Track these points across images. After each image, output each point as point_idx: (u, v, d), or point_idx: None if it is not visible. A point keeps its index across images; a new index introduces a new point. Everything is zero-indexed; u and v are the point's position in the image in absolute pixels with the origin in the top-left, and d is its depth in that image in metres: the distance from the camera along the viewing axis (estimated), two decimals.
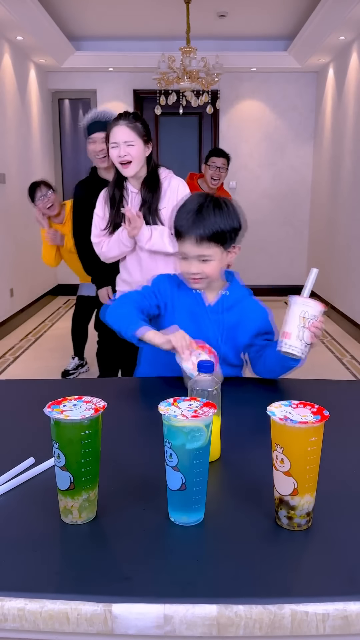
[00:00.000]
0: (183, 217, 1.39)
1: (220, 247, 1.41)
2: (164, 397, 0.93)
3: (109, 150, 2.20)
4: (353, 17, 4.58)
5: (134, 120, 2.17)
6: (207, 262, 1.41)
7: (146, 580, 0.75)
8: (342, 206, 5.59)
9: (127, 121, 2.16)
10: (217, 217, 1.38)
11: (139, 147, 2.17)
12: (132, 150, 2.15)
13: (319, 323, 1.25)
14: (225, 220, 1.39)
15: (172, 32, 5.67)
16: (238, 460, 1.09)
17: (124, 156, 2.15)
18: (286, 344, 1.24)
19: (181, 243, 1.41)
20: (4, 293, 5.19)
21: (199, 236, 1.37)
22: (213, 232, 1.37)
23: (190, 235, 1.38)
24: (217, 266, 1.43)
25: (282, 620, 0.71)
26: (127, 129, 2.15)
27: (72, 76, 6.58)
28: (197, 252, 1.39)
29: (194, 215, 1.38)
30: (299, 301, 1.25)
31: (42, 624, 0.72)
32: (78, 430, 0.84)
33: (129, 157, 2.15)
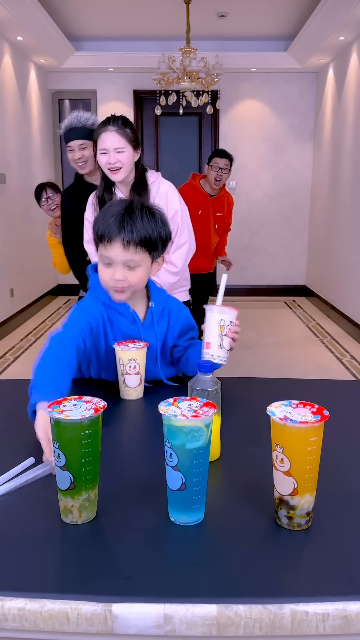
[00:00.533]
0: (110, 220, 1.30)
1: (149, 254, 1.34)
2: (164, 397, 0.93)
3: (97, 156, 2.13)
4: (353, 17, 4.58)
5: (123, 126, 2.10)
6: (134, 270, 1.33)
7: (146, 580, 0.75)
8: (342, 206, 5.59)
9: (117, 127, 2.08)
10: (147, 222, 1.32)
11: (129, 153, 2.11)
12: (122, 157, 2.09)
13: (236, 327, 1.27)
14: (154, 227, 1.33)
15: (172, 32, 5.67)
16: (238, 460, 1.09)
17: (114, 163, 2.09)
18: (208, 353, 1.26)
19: (105, 248, 1.32)
20: (4, 293, 5.19)
21: (128, 240, 1.30)
22: (143, 237, 1.31)
23: (118, 238, 1.29)
24: (143, 275, 1.36)
25: (282, 620, 0.71)
26: (117, 136, 2.08)
27: (72, 76, 6.58)
28: (125, 258, 1.31)
29: (123, 218, 1.30)
30: (215, 310, 1.26)
31: (42, 624, 0.72)
32: (78, 430, 0.84)
33: (119, 164, 2.10)
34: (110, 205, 1.37)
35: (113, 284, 1.34)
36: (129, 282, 1.34)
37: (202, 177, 3.95)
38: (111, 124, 2.10)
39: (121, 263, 1.32)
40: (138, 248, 1.31)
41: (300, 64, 6.22)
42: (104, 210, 1.37)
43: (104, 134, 2.09)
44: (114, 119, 2.12)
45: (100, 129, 2.13)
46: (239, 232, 6.65)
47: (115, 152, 2.08)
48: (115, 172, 2.11)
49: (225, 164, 3.79)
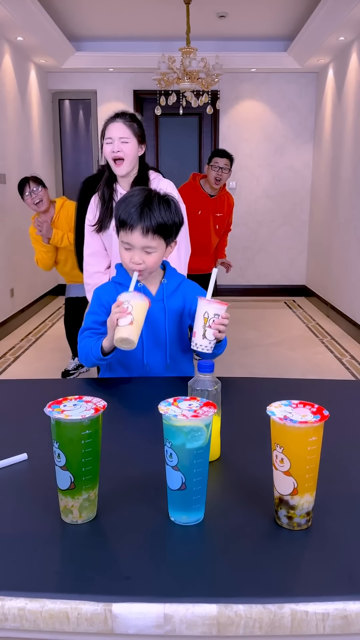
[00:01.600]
0: (131, 209, 1.45)
1: (164, 240, 1.49)
2: (164, 397, 0.93)
3: (103, 147, 2.22)
4: (353, 17, 4.58)
5: (130, 120, 2.19)
6: (150, 254, 1.48)
7: (146, 579, 0.75)
8: (342, 206, 5.59)
9: (124, 119, 2.18)
10: (163, 211, 1.46)
11: (133, 145, 2.18)
12: (126, 148, 2.16)
13: (222, 320, 1.35)
14: (170, 215, 1.47)
15: (172, 33, 5.67)
16: (238, 460, 1.09)
17: (117, 152, 2.16)
18: (193, 342, 1.36)
19: (126, 234, 1.46)
20: (4, 293, 5.19)
21: (147, 227, 1.44)
22: (159, 224, 1.45)
23: (138, 226, 1.44)
24: (158, 258, 1.51)
25: (282, 620, 0.71)
26: (123, 126, 2.17)
27: (72, 77, 6.58)
28: (143, 243, 1.46)
29: (142, 207, 1.44)
30: (201, 303, 1.35)
31: (42, 624, 0.72)
32: (78, 430, 0.84)
33: (121, 153, 2.16)
34: (131, 194, 1.50)
35: (132, 267, 1.48)
36: (146, 265, 1.48)
37: (202, 177, 3.94)
38: (119, 116, 2.21)
39: (140, 248, 1.46)
40: (155, 235, 1.46)
41: (300, 64, 6.22)
42: (125, 199, 1.49)
43: (111, 124, 2.19)
44: (123, 113, 2.23)
45: (108, 120, 2.21)
46: (238, 232, 6.65)
47: (120, 142, 2.15)
48: (119, 162, 2.17)
49: (225, 163, 3.79)
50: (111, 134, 2.17)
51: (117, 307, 1.35)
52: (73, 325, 3.92)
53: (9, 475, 1.02)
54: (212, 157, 3.84)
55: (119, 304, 1.35)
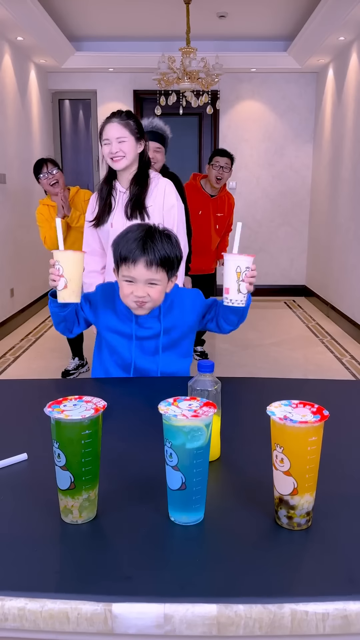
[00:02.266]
0: (132, 244, 1.46)
1: (166, 273, 1.50)
2: (164, 397, 0.93)
3: (102, 148, 2.24)
4: (353, 17, 4.58)
5: (126, 118, 2.21)
6: (154, 287, 1.48)
7: (146, 580, 0.75)
8: (342, 206, 5.59)
9: (119, 118, 2.20)
10: (165, 244, 1.48)
11: (131, 143, 2.20)
12: (124, 147, 2.19)
13: (252, 272, 1.40)
14: (172, 249, 1.49)
15: (172, 33, 5.67)
16: (238, 460, 1.09)
17: (116, 152, 2.19)
18: (227, 298, 1.39)
19: (129, 268, 1.47)
20: (4, 293, 5.19)
21: (150, 260, 1.45)
22: (163, 257, 1.46)
23: (141, 259, 1.45)
24: (162, 291, 1.50)
25: (282, 620, 0.71)
26: (119, 126, 2.18)
27: (72, 76, 6.58)
28: (147, 276, 1.46)
29: (145, 241, 1.45)
30: (230, 258, 1.36)
31: (42, 624, 0.72)
32: (78, 430, 0.84)
33: (120, 153, 2.19)
34: (129, 230, 1.51)
35: (134, 299, 1.48)
36: (151, 298, 1.48)
37: (202, 177, 3.94)
38: (115, 116, 2.23)
39: (143, 281, 1.47)
40: (159, 268, 1.47)
41: (300, 64, 6.22)
42: (124, 235, 1.50)
43: (107, 125, 2.21)
44: (118, 112, 2.25)
45: (104, 122, 2.24)
46: None
47: (117, 142, 2.18)
48: (118, 159, 2.20)
49: (226, 162, 3.79)
50: (108, 134, 2.19)
51: (51, 267, 1.37)
52: None
53: (9, 475, 1.02)
54: (213, 157, 3.84)
55: (52, 264, 1.36)
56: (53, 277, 1.36)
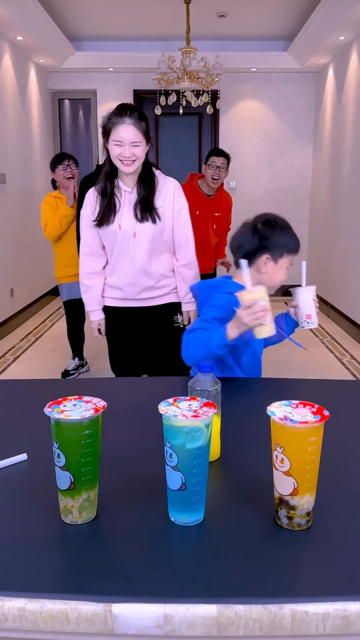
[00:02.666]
0: (293, 236, 1.66)
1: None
2: (164, 397, 0.93)
3: (110, 146, 2.10)
4: (353, 17, 4.58)
5: (140, 120, 2.10)
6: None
7: (146, 580, 0.75)
8: (342, 206, 5.59)
9: (134, 120, 2.07)
10: None
11: (143, 147, 2.12)
12: (137, 151, 2.10)
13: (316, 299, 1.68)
14: None
15: (172, 32, 5.67)
16: (238, 460, 1.09)
17: (129, 157, 2.09)
18: (310, 322, 1.66)
19: (289, 259, 1.67)
20: (4, 293, 5.19)
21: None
22: None
23: (297, 249, 1.67)
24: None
25: (282, 620, 0.71)
26: (134, 129, 2.07)
27: (72, 76, 6.58)
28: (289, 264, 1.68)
29: (293, 231, 1.67)
30: (308, 289, 1.66)
31: (42, 624, 0.72)
32: (78, 430, 0.84)
33: (133, 157, 2.10)
34: (277, 220, 1.69)
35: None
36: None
37: (199, 177, 3.94)
38: (128, 115, 2.08)
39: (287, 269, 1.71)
40: None
41: (300, 64, 6.22)
42: (282, 228, 1.68)
43: (121, 126, 2.07)
44: (130, 110, 2.09)
45: (116, 119, 2.08)
46: None
47: (131, 146, 2.08)
48: (129, 164, 2.11)
49: (222, 162, 3.79)
50: (121, 136, 2.06)
51: (250, 307, 1.37)
52: (75, 325, 3.92)
53: (9, 475, 1.02)
54: (209, 157, 3.84)
55: (253, 303, 1.36)
56: (261, 313, 1.36)
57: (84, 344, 4.02)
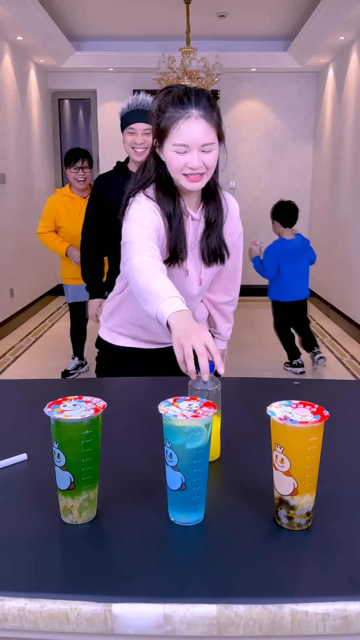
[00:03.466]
0: None
1: None
2: (164, 397, 0.93)
3: (168, 154, 1.41)
4: (353, 17, 4.58)
5: (212, 110, 1.44)
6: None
7: (146, 580, 0.75)
8: (342, 206, 5.59)
9: (205, 111, 1.40)
10: None
11: (216, 152, 1.48)
12: (209, 159, 1.43)
13: None
14: None
15: (172, 32, 5.67)
16: (238, 460, 1.09)
17: (198, 169, 1.41)
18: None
19: None
20: (4, 293, 5.19)
21: None
22: None
23: None
24: None
25: (282, 620, 0.71)
26: (206, 125, 1.41)
27: (72, 76, 6.58)
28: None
29: None
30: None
31: (42, 624, 0.72)
32: (78, 430, 0.84)
33: (202, 169, 1.42)
34: None
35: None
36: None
37: None
38: (195, 104, 1.37)
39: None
40: None
41: (300, 64, 6.22)
42: None
43: (186, 122, 1.36)
44: (196, 94, 1.38)
45: (175, 111, 1.37)
46: None
47: (200, 152, 1.39)
48: (197, 178, 1.42)
49: None
50: (189, 139, 1.37)
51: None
52: (79, 325, 3.92)
53: (9, 475, 1.02)
54: None
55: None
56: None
57: (85, 343, 4.03)
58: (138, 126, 2.31)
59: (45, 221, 3.66)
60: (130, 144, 2.35)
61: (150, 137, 2.17)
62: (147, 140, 2.30)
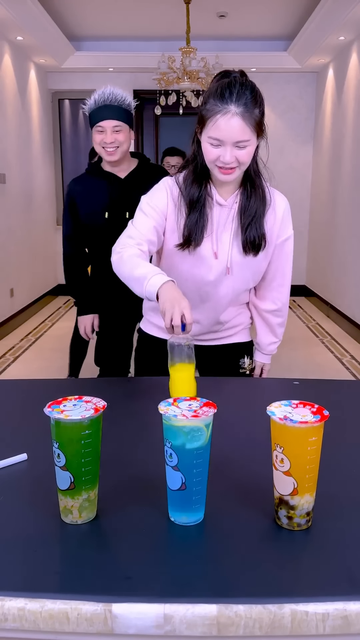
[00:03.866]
0: None
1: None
2: (164, 397, 0.93)
3: (205, 144, 1.43)
4: (353, 17, 4.58)
5: (253, 106, 1.41)
6: None
7: (146, 580, 0.75)
8: (342, 206, 5.59)
9: (244, 108, 1.38)
10: None
11: (252, 148, 1.44)
12: (243, 155, 1.43)
13: None
14: None
15: (172, 32, 5.67)
16: (238, 460, 1.09)
17: (229, 163, 1.42)
18: None
19: None
20: (4, 293, 5.19)
21: None
22: None
23: None
24: None
25: (282, 620, 0.71)
26: (242, 124, 1.39)
27: (72, 76, 6.58)
28: None
29: None
30: None
31: (42, 624, 0.72)
32: (78, 430, 0.84)
33: (234, 163, 1.43)
34: None
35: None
36: None
37: None
38: (235, 99, 1.36)
39: None
40: None
41: (300, 64, 6.22)
42: None
43: (223, 117, 1.36)
44: (240, 88, 1.37)
45: (215, 104, 1.37)
46: None
47: (234, 147, 1.39)
48: (228, 172, 1.43)
49: (177, 161, 3.73)
50: (223, 134, 1.39)
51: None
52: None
53: (9, 475, 1.02)
54: (164, 157, 3.75)
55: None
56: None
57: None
58: (107, 124, 2.12)
59: None
60: (100, 143, 2.16)
61: (122, 134, 2.14)
62: (117, 139, 2.13)
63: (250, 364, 1.80)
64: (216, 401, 0.91)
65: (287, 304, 1.75)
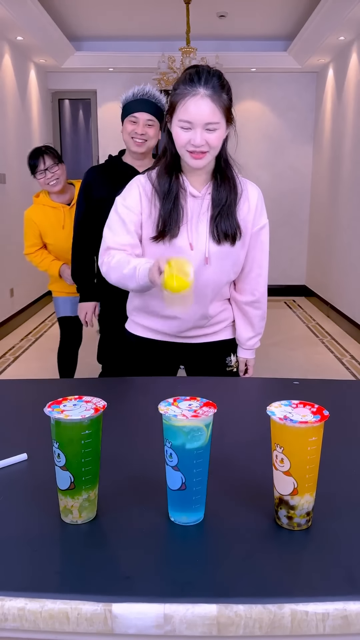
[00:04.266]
0: None
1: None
2: (164, 397, 0.93)
3: (175, 130, 1.46)
4: (353, 17, 4.58)
5: (220, 89, 1.49)
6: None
7: (146, 580, 0.75)
8: (342, 206, 5.59)
9: (212, 91, 1.45)
10: None
11: (222, 131, 1.49)
12: (213, 138, 1.46)
13: None
14: None
15: (172, 32, 5.67)
16: (238, 460, 1.09)
17: (200, 147, 1.46)
18: None
19: None
20: (4, 293, 5.19)
21: None
22: None
23: None
24: None
25: (282, 620, 0.71)
26: (211, 105, 1.45)
27: (72, 76, 6.58)
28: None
29: None
30: None
31: (42, 624, 0.72)
32: (78, 430, 0.84)
33: (205, 147, 1.47)
34: None
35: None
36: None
37: None
38: (203, 82, 1.42)
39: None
40: None
41: (300, 64, 6.22)
42: None
43: (192, 99, 1.41)
44: (207, 73, 1.44)
45: (184, 88, 1.42)
46: None
47: (204, 130, 1.43)
48: (199, 156, 1.46)
49: None
50: (192, 116, 1.44)
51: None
52: (69, 347, 3.26)
53: (9, 475, 1.02)
54: None
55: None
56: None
57: (75, 370, 3.32)
58: (142, 115, 2.22)
59: (30, 239, 3.09)
60: (130, 133, 2.24)
61: (153, 130, 2.26)
62: (148, 132, 2.23)
63: (237, 362, 1.84)
64: (216, 401, 0.91)
65: (265, 294, 1.76)
